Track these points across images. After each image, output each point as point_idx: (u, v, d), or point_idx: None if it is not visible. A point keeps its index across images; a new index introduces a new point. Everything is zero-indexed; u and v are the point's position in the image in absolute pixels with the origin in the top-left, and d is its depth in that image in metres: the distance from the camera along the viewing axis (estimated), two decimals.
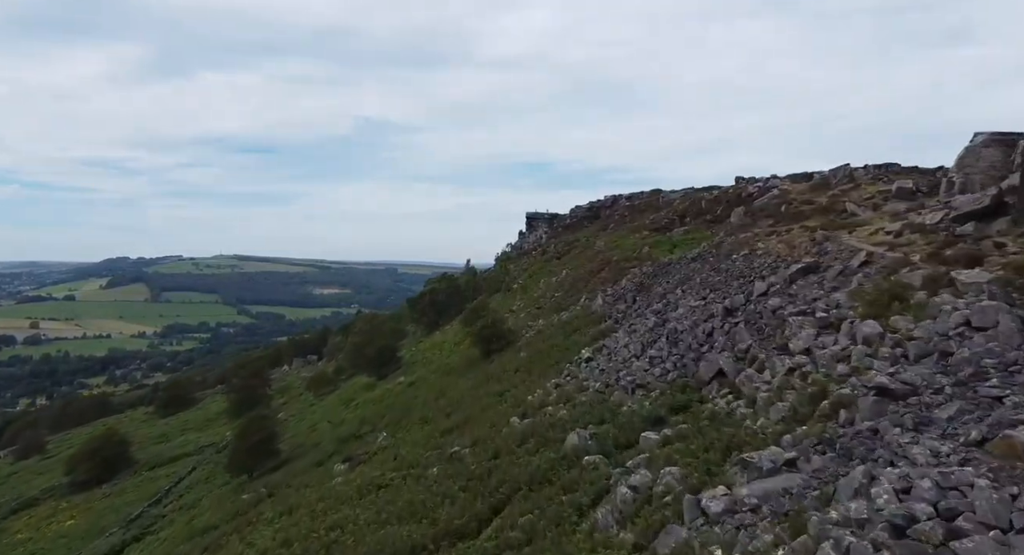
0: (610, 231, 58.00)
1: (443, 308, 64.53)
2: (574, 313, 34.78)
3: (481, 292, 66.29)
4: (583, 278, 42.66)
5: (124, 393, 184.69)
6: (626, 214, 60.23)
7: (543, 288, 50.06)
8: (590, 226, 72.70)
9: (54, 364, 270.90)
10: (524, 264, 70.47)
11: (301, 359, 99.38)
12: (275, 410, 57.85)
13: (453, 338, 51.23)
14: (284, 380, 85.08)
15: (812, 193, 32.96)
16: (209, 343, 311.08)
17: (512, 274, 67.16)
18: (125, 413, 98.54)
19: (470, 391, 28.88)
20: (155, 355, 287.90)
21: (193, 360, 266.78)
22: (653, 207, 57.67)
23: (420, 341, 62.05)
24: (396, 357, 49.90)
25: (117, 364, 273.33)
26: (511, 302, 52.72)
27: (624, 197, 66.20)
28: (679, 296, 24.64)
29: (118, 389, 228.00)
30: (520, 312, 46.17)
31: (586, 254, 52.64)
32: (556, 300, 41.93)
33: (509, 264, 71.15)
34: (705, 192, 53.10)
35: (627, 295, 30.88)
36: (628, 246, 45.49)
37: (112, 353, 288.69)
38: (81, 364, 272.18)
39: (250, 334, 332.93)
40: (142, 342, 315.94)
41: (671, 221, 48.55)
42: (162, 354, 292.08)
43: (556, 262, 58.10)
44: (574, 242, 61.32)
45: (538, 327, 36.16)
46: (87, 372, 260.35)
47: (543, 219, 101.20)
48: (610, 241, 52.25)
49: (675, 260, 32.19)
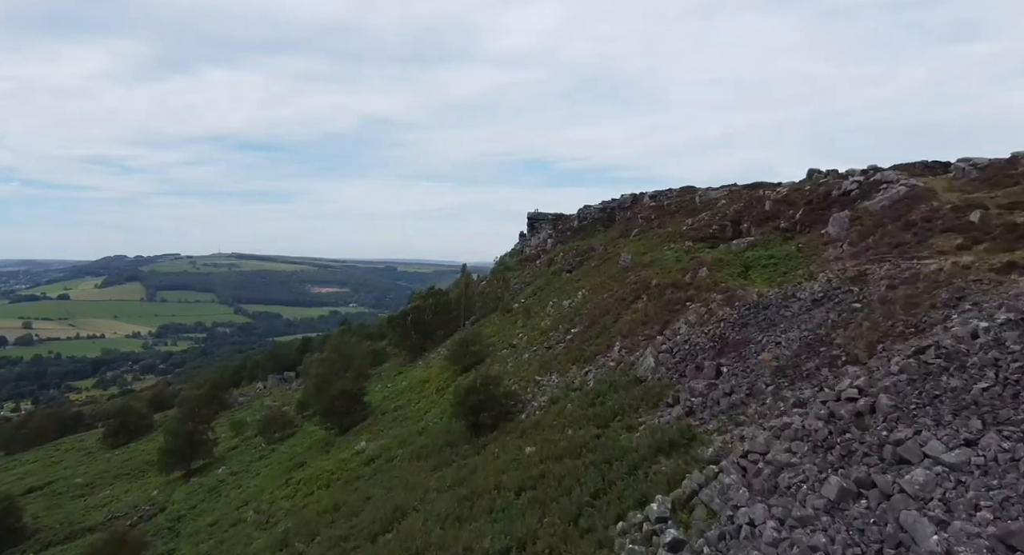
0: (634, 238, 45.45)
1: (429, 330, 52.11)
2: (606, 373, 22.38)
3: (474, 310, 53.80)
4: (610, 308, 30.09)
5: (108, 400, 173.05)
6: (652, 217, 47.57)
7: (552, 314, 37.50)
8: (605, 230, 60.04)
9: (43, 366, 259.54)
10: (527, 275, 57.87)
11: (277, 377, 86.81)
12: (215, 464, 45.33)
13: (438, 375, 38.84)
14: (249, 405, 72.56)
15: (989, 190, 20.44)
16: (204, 343, 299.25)
17: (512, 287, 54.65)
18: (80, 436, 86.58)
19: (440, 522, 16.56)
20: (148, 356, 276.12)
21: (185, 362, 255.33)
22: (688, 208, 45.04)
23: (400, 371, 49.57)
24: (362, 404, 37.41)
25: (108, 366, 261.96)
26: (511, 331, 40.18)
27: (648, 196, 53.50)
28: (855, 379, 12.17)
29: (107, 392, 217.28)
30: (523, 350, 33.68)
31: (607, 269, 40.08)
32: (574, 340, 29.37)
33: (508, 273, 58.58)
34: (760, 189, 40.50)
35: (701, 356, 18.47)
36: (668, 262, 32.93)
37: (104, 354, 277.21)
38: (72, 366, 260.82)
39: (246, 334, 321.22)
40: (136, 342, 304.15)
41: (720, 228, 35.95)
42: (155, 355, 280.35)
43: (567, 278, 45.57)
44: (588, 251, 48.71)
45: (551, 391, 23.68)
46: (77, 374, 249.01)
47: (546, 220, 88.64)
48: (638, 252, 39.73)
49: (772, 298, 19.76)
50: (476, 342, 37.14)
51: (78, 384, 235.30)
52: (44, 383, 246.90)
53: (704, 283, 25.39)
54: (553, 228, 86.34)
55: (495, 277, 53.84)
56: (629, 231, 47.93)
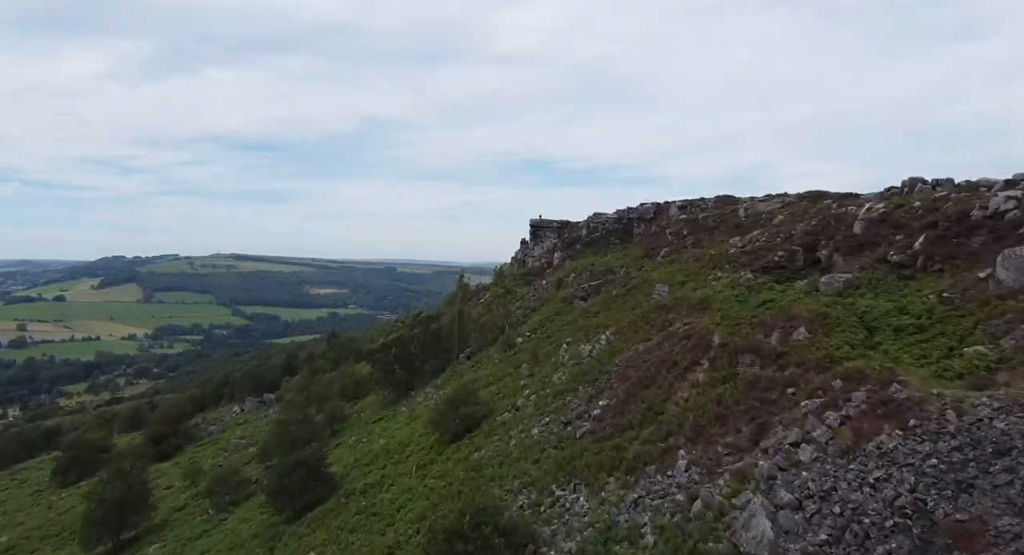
0: (664, 260, 36.47)
1: (416, 366, 43.12)
2: (669, 511, 13.55)
3: (470, 340, 44.78)
4: (654, 374, 21.10)
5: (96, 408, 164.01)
6: (684, 233, 38.48)
7: (568, 364, 28.44)
8: (621, 245, 51.04)
9: (36, 370, 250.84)
10: (531, 297, 48.80)
11: (255, 399, 77.64)
12: (151, 535, 36.21)
13: (421, 440, 29.86)
14: (219, 436, 63.46)
15: None
16: (201, 346, 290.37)
17: (514, 313, 45.64)
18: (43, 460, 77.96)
19: None
20: (142, 359, 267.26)
21: (180, 366, 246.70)
22: (730, 224, 36.00)
23: (380, 416, 40.54)
24: (324, 477, 28.45)
25: (102, 370, 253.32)
26: (513, 381, 31.09)
27: (675, 205, 44.33)
28: None
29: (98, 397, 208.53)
30: (530, 421, 24.65)
31: (636, 303, 31.04)
32: (603, 420, 20.39)
33: (509, 289, 49.49)
34: (826, 200, 31.50)
35: (881, 548, 9.61)
36: (727, 304, 23.94)
37: (99, 357, 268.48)
38: (64, 369, 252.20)
39: (243, 336, 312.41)
40: (132, 344, 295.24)
41: (788, 255, 26.95)
42: (150, 358, 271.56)
43: (582, 308, 36.51)
44: (606, 274, 39.62)
45: (580, 536, 14.68)
46: (69, 378, 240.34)
47: (551, 228, 79.57)
48: (675, 281, 30.74)
49: (984, 422, 10.93)
50: (468, 401, 28.11)
51: (69, 389, 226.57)
52: (35, 388, 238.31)
53: (810, 357, 16.35)
54: (558, 237, 77.21)
55: (494, 298, 44.99)
56: (656, 250, 38.86)
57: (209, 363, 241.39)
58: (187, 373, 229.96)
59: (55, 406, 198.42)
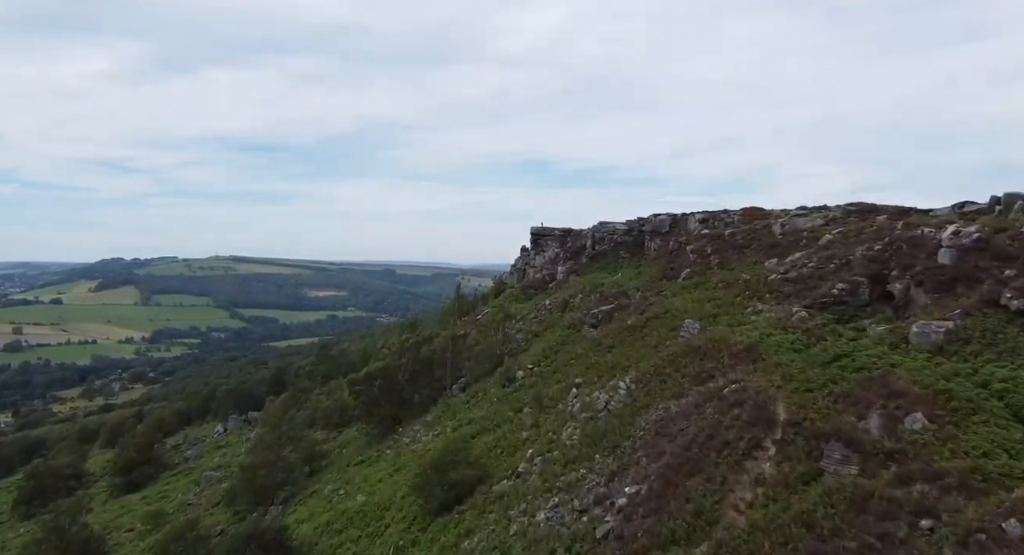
0: (687, 282, 31.26)
1: (404, 397, 37.88)
2: None
3: (464, 368, 39.52)
4: (698, 454, 15.95)
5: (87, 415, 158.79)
6: (708, 251, 33.23)
7: (580, 417, 23.21)
8: (632, 260, 45.85)
9: (30, 374, 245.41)
10: (533, 318, 43.47)
11: (239, 418, 72.30)
12: None
13: (403, 507, 24.68)
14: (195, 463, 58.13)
15: None
16: (198, 349, 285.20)
17: (514, 338, 40.37)
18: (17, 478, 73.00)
19: None
20: (139, 363, 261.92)
21: (176, 370, 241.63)
22: (765, 242, 30.75)
23: (363, 460, 35.27)
24: (284, 550, 23.29)
25: (97, 374, 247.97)
26: (514, 432, 25.85)
27: (695, 218, 38.99)
28: None
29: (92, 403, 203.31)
30: (535, 497, 19.45)
31: (659, 339, 25.77)
32: (632, 522, 15.22)
33: (508, 313, 44.12)
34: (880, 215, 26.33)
35: None
36: (782, 353, 18.78)
37: (95, 361, 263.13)
38: (59, 373, 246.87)
39: (241, 339, 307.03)
40: (129, 348, 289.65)
41: (850, 288, 21.75)
42: (147, 362, 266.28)
43: (593, 338, 31.28)
44: (619, 297, 34.32)
45: None
46: (64, 383, 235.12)
47: (553, 237, 74.34)
48: (706, 313, 25.54)
49: None
50: (459, 462, 22.86)
51: (64, 393, 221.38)
52: (29, 393, 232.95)
53: (948, 467, 11.14)
54: (561, 246, 71.99)
55: (492, 322, 39.75)
56: (675, 270, 33.63)
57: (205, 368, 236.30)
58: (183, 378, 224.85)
59: (47, 412, 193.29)
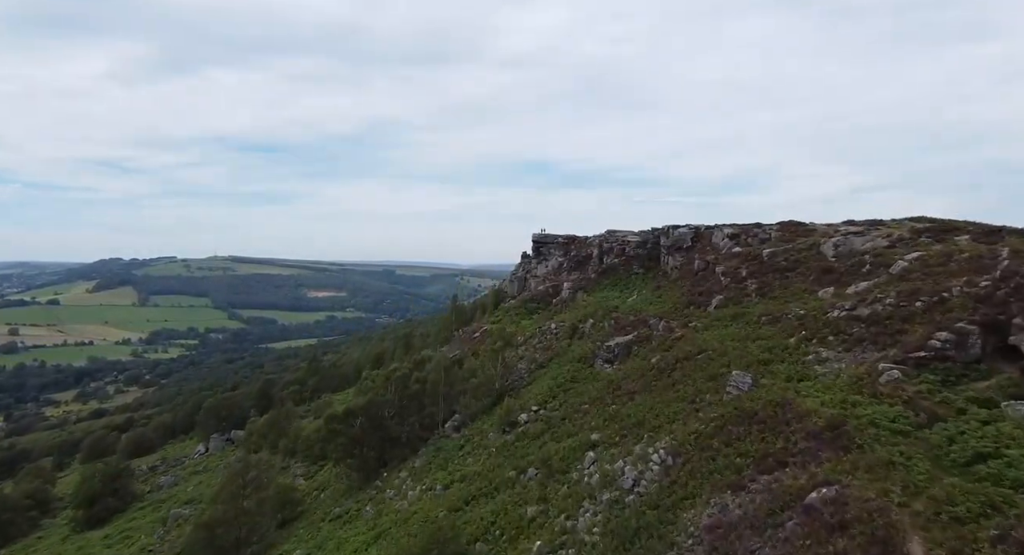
0: (719, 312, 26.10)
1: (390, 435, 32.69)
2: None
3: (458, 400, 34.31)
4: None
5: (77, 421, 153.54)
6: (744, 274, 28.00)
7: (603, 510, 18.17)
8: (645, 275, 40.64)
9: (24, 377, 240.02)
10: (536, 343, 38.16)
11: (222, 438, 67.08)
12: None
13: None
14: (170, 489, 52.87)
15: None
16: (196, 350, 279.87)
17: (515, 368, 35.14)
18: None
19: None
20: (135, 365, 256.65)
21: (172, 372, 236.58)
22: (816, 266, 25.51)
23: (339, 515, 30.10)
24: None
25: (92, 376, 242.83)
26: (514, 509, 20.76)
27: (724, 232, 33.64)
28: None
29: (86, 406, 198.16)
30: None
31: (695, 391, 20.67)
32: None
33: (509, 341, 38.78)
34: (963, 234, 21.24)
35: None
36: (885, 436, 13.79)
37: (91, 363, 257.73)
38: (54, 376, 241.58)
39: (239, 340, 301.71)
40: (125, 349, 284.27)
41: (959, 338, 16.65)
42: (143, 364, 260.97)
43: (609, 378, 26.10)
44: (637, 326, 29.11)
45: None
46: (59, 386, 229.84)
47: (556, 244, 69.15)
48: (757, 359, 20.42)
49: None
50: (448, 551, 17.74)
51: (57, 397, 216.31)
52: (22, 396, 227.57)
53: None
54: (565, 255, 66.78)
55: (491, 352, 34.38)
56: (704, 295, 28.43)
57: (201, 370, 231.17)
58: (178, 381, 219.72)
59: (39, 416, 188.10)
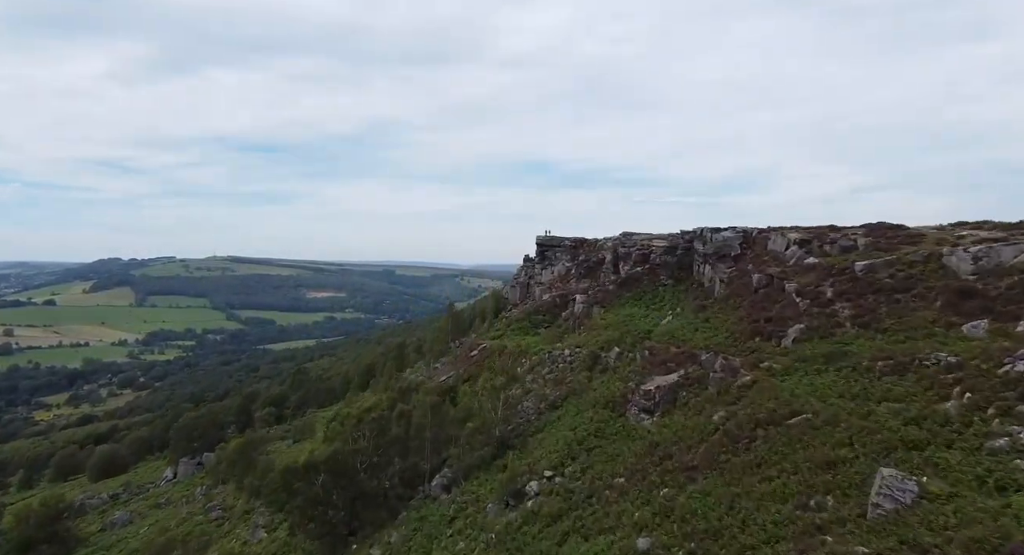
0: (807, 350, 18.85)
1: (363, 492, 25.46)
2: None
3: (447, 445, 27.05)
4: None
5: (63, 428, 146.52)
6: (829, 295, 20.64)
7: None
8: (675, 288, 33.30)
9: (16, 379, 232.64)
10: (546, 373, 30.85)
11: (192, 461, 59.66)
12: None
13: None
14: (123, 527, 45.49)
15: None
16: (193, 351, 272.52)
17: (519, 399, 27.86)
18: None
19: None
20: (130, 367, 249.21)
21: (167, 374, 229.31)
22: (941, 288, 18.24)
23: None
24: None
25: (86, 379, 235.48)
26: None
27: (786, 236, 26.07)
28: None
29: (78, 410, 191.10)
30: None
31: (803, 492, 13.62)
32: None
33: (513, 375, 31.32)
34: None
35: None
36: None
37: (85, 365, 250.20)
38: (47, 378, 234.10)
39: (237, 341, 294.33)
40: (122, 350, 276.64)
41: None
42: (139, 366, 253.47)
43: (652, 442, 18.87)
44: (684, 363, 21.79)
45: None
46: (51, 388, 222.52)
47: (562, 248, 61.82)
48: (890, 435, 13.19)
49: None
50: None
51: (49, 400, 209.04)
52: (13, 399, 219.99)
53: None
54: (572, 260, 59.41)
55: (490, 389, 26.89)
56: (777, 323, 21.07)
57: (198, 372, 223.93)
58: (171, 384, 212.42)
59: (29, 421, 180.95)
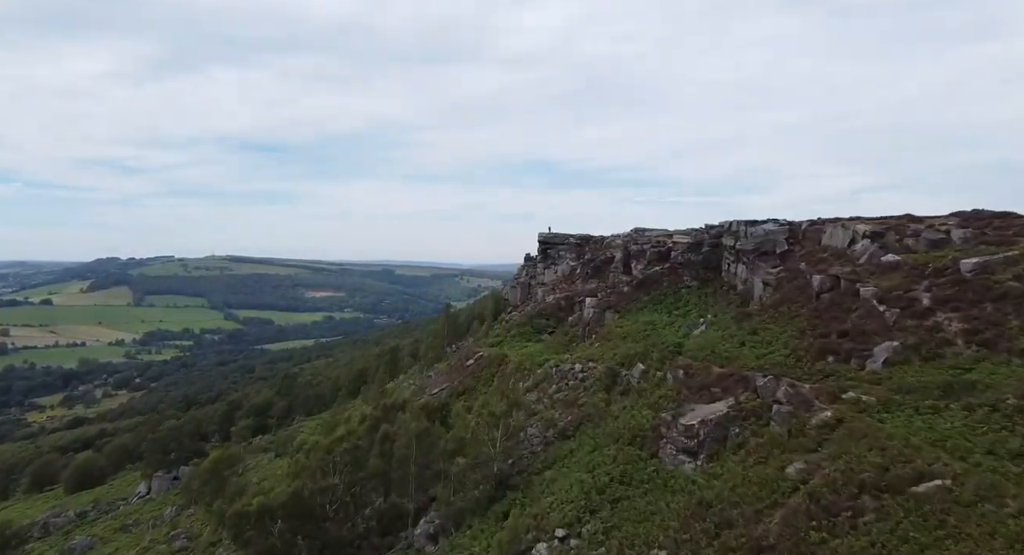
0: (906, 377, 14.11)
1: (332, 549, 20.63)
2: None
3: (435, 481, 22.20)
4: None
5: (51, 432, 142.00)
6: (924, 302, 15.82)
7: None
8: (700, 290, 28.48)
9: (11, 380, 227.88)
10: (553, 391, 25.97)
11: (167, 476, 54.80)
12: None
13: None
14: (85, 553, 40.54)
15: None
16: (190, 351, 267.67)
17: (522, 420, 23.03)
18: None
19: None
20: (126, 367, 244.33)
21: (163, 375, 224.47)
22: None
23: None
24: None
25: (81, 379, 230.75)
26: None
27: (854, 230, 21.20)
28: None
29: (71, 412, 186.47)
30: None
31: None
32: None
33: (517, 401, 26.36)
34: None
35: None
36: None
37: (81, 365, 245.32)
38: (42, 379, 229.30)
39: (235, 342, 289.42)
40: (118, 350, 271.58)
41: None
42: (135, 366, 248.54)
43: (701, 500, 14.08)
44: (732, 389, 16.99)
45: None
46: (46, 389, 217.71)
47: (567, 246, 56.90)
48: None
49: None
50: None
51: (43, 401, 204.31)
52: (6, 400, 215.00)
53: None
54: (578, 258, 54.37)
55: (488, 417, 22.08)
56: (857, 340, 16.17)
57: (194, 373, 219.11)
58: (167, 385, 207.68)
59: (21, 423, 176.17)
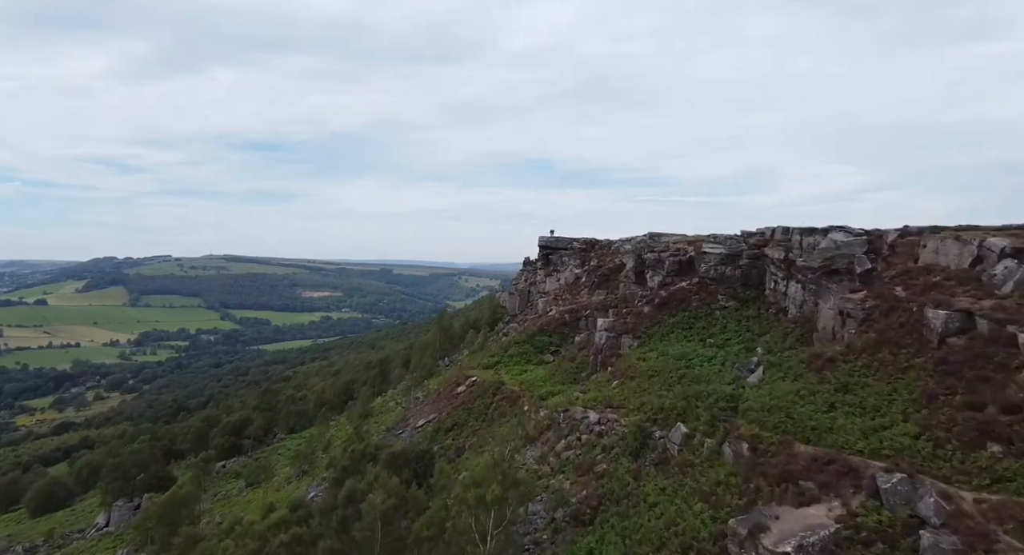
0: None
1: None
2: None
3: None
4: None
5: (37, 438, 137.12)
6: None
7: None
8: (739, 311, 23.51)
9: (2, 381, 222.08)
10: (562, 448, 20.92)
11: (129, 504, 49.48)
12: None
13: None
14: None
15: None
16: (185, 352, 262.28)
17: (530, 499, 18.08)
18: None
19: None
20: (119, 369, 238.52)
21: (156, 377, 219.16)
22: None
23: None
24: None
25: (73, 381, 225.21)
26: None
27: (994, 243, 15.99)
28: None
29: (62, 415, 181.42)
30: None
31: None
32: None
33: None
34: None
35: None
36: None
37: (74, 367, 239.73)
38: (33, 381, 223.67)
39: (231, 342, 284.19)
40: (112, 352, 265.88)
41: None
42: (128, 367, 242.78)
43: None
44: (848, 498, 12.04)
45: None
46: (37, 391, 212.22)
47: (570, 251, 51.72)
48: None
49: None
50: None
51: (33, 404, 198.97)
52: None
53: None
54: (582, 265, 49.23)
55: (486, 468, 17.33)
56: (997, 402, 11.35)
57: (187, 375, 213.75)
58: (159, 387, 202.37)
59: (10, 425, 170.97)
